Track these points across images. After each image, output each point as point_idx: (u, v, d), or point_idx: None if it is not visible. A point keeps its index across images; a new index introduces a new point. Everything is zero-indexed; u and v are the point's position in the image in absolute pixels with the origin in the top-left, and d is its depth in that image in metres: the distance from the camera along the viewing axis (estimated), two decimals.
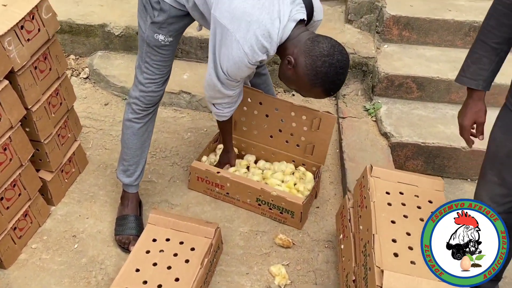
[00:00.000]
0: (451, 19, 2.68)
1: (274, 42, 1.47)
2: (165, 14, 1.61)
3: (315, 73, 1.45)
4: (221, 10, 1.45)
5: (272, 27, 1.44)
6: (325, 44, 1.44)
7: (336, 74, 1.45)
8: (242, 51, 1.45)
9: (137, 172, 1.91)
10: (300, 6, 1.50)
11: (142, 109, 1.81)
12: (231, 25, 1.44)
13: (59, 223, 1.97)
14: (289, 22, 1.47)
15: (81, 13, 2.91)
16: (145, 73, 1.75)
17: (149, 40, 1.67)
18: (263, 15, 1.43)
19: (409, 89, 2.57)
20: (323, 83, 1.47)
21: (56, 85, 1.89)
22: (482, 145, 2.30)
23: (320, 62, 1.43)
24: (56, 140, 1.95)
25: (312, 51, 1.44)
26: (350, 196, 1.82)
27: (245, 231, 1.98)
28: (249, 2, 1.43)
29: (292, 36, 1.49)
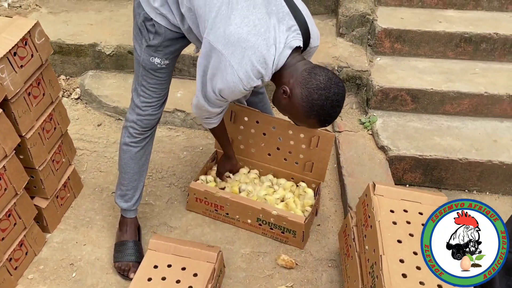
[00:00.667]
0: (442, 31, 2.71)
1: (269, 69, 1.45)
2: (160, 37, 1.59)
3: (311, 106, 1.43)
4: (215, 35, 1.43)
5: (267, 53, 1.42)
6: (322, 76, 1.42)
7: (332, 107, 1.44)
8: (236, 77, 1.43)
9: (136, 197, 1.88)
10: (297, 33, 1.48)
11: (139, 132, 1.78)
12: (226, 51, 1.42)
13: (55, 251, 1.91)
14: (285, 49, 1.45)
15: (71, 33, 2.87)
16: (141, 96, 1.72)
17: (145, 63, 1.65)
18: (259, 41, 1.41)
19: (404, 102, 2.58)
20: (318, 115, 1.45)
21: (50, 110, 1.86)
22: (479, 156, 2.33)
23: (316, 95, 1.41)
24: (51, 165, 1.91)
25: (309, 83, 1.42)
26: (352, 214, 1.80)
27: (246, 253, 1.94)
28: (244, 29, 1.41)
29: (288, 64, 1.47)
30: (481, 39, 2.69)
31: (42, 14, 3.08)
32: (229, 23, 1.41)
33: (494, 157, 2.31)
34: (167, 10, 1.54)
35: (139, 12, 1.58)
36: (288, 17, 1.47)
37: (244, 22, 1.41)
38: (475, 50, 2.73)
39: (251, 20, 1.41)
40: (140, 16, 1.58)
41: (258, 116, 2.04)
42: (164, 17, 1.56)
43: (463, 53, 2.75)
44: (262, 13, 1.43)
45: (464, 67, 2.70)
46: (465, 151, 2.34)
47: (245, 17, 1.41)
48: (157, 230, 2.02)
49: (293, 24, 1.47)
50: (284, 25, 1.46)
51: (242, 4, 1.42)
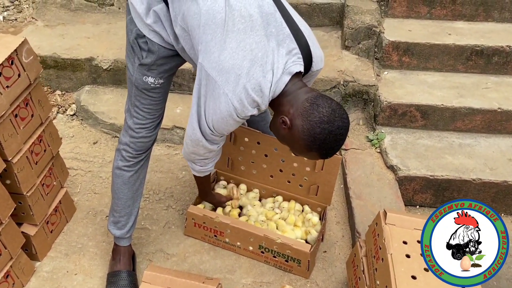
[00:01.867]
0: (452, 44, 2.59)
1: (265, 97, 1.34)
2: (153, 56, 1.49)
3: (313, 140, 1.32)
4: (209, 60, 1.32)
5: (264, 80, 1.31)
6: (325, 108, 1.30)
7: (335, 141, 1.33)
8: (231, 105, 1.33)
9: (129, 224, 1.76)
10: (297, 57, 1.36)
11: (133, 156, 1.67)
12: (219, 77, 1.31)
13: (45, 282, 1.80)
14: (284, 75, 1.34)
15: (67, 47, 2.78)
16: (134, 117, 1.62)
17: (138, 83, 1.54)
18: (254, 67, 1.30)
19: (413, 118, 2.46)
20: (320, 149, 1.34)
21: (39, 132, 1.75)
22: (493, 176, 2.21)
23: (319, 129, 1.30)
24: (40, 190, 1.80)
25: (311, 116, 1.30)
26: (362, 244, 1.68)
27: (248, 283, 1.82)
28: (240, 53, 1.30)
29: (287, 91, 1.35)
30: (493, 52, 2.58)
31: (38, 28, 2.99)
32: (224, 48, 1.30)
33: (509, 177, 2.19)
34: (161, 28, 1.44)
35: (131, 29, 1.48)
36: (289, 40, 1.35)
37: (240, 46, 1.30)
38: (486, 64, 2.61)
39: (247, 44, 1.30)
40: (133, 33, 1.48)
41: (259, 137, 1.93)
42: (158, 34, 1.46)
43: (474, 66, 2.63)
44: (260, 36, 1.32)
45: (476, 81, 2.59)
46: (479, 170, 2.22)
47: (241, 41, 1.31)
48: (153, 258, 1.91)
49: (294, 47, 1.36)
50: (284, 48, 1.34)
51: (239, 27, 1.31)
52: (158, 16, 1.43)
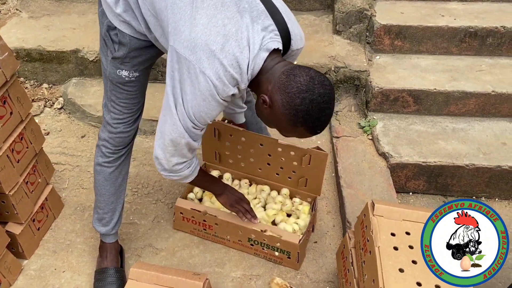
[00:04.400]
0: (445, 26, 2.53)
1: (244, 74, 1.26)
2: (125, 48, 1.43)
3: (295, 112, 1.23)
4: (180, 40, 1.24)
5: (241, 56, 1.23)
6: (302, 77, 1.21)
7: (319, 110, 1.23)
8: (210, 84, 1.23)
9: (114, 220, 1.74)
10: (274, 33, 1.29)
11: (112, 151, 1.63)
12: (193, 56, 1.22)
13: (32, 280, 1.78)
14: (261, 51, 1.26)
15: (52, 39, 2.72)
16: (112, 112, 1.57)
17: (112, 77, 1.49)
18: (229, 42, 1.22)
19: (406, 103, 2.42)
20: (306, 122, 1.24)
21: (20, 130, 1.71)
22: (487, 161, 2.17)
23: (298, 99, 1.21)
24: (24, 188, 1.77)
25: (288, 87, 1.22)
26: (351, 235, 1.65)
27: (237, 276, 1.81)
28: (212, 29, 1.22)
29: (265, 68, 1.27)
30: (487, 33, 2.52)
31: (22, 19, 2.92)
32: (195, 24, 1.23)
33: (503, 161, 2.15)
34: (131, 17, 1.38)
35: (103, 21, 1.43)
36: (263, 16, 1.28)
37: (212, 22, 1.23)
38: (481, 45, 2.56)
39: (219, 19, 1.23)
40: (104, 25, 1.43)
41: (244, 134, 1.89)
42: (128, 25, 1.40)
43: (468, 48, 2.57)
44: (232, 12, 1.25)
45: (470, 63, 2.53)
46: (472, 155, 2.18)
47: (212, 17, 1.23)
48: (142, 253, 1.89)
49: (270, 23, 1.28)
50: (259, 24, 1.26)
51: (209, 2, 1.24)
52: (129, 4, 1.37)
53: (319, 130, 1.29)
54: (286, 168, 1.91)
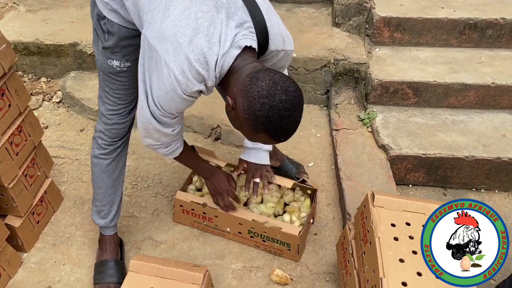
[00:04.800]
0: (445, 18, 2.52)
1: (211, 71, 1.21)
2: (114, 37, 1.42)
3: (255, 118, 1.16)
4: (152, 29, 1.22)
5: (209, 52, 1.19)
6: (264, 81, 1.14)
7: (280, 118, 1.15)
8: (173, 78, 1.20)
9: (112, 212, 1.73)
10: (249, 31, 1.23)
11: (108, 143, 1.63)
12: (160, 47, 1.20)
13: (32, 273, 1.78)
14: (232, 48, 1.21)
15: (50, 32, 2.71)
16: (106, 103, 1.57)
17: (103, 67, 1.49)
18: (198, 36, 1.18)
19: (405, 95, 2.41)
20: (266, 128, 1.17)
21: (18, 122, 1.71)
22: (486, 153, 2.17)
23: (258, 104, 1.14)
24: (23, 181, 1.76)
25: (250, 91, 1.15)
26: (351, 226, 1.66)
27: (237, 268, 1.81)
28: (182, 21, 1.19)
29: (235, 67, 1.22)
30: (487, 25, 2.51)
31: (20, 13, 2.91)
32: (167, 15, 1.20)
33: (502, 153, 2.15)
34: (119, 5, 1.37)
35: (93, 11, 1.43)
36: (241, 12, 1.23)
37: (184, 14, 1.20)
38: (480, 37, 2.55)
39: (192, 12, 1.20)
40: (94, 15, 1.43)
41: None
42: (117, 13, 1.39)
43: (468, 40, 2.56)
44: (208, 6, 1.21)
45: (469, 55, 2.52)
46: (472, 147, 2.18)
47: (186, 9, 1.20)
48: (141, 246, 1.89)
49: (246, 20, 1.23)
50: (235, 21, 1.22)
51: None
52: None
53: (282, 138, 1.22)
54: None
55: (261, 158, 1.71)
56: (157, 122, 1.33)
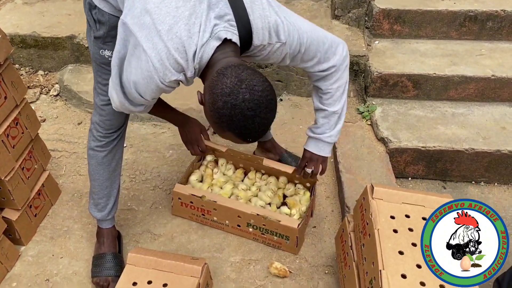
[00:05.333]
0: (445, 10, 2.50)
1: (190, 61, 1.18)
2: (104, 27, 1.40)
3: (218, 116, 1.12)
4: (132, 15, 1.20)
5: (188, 41, 1.16)
6: (230, 78, 1.10)
7: (243, 118, 1.10)
8: (151, 65, 1.17)
9: (109, 205, 1.72)
10: (230, 24, 1.19)
11: (103, 135, 1.62)
12: (140, 33, 1.17)
13: (30, 266, 1.77)
14: (212, 39, 1.17)
15: (47, 25, 2.69)
16: (100, 94, 1.56)
17: (95, 57, 1.48)
18: (178, 25, 1.15)
19: (405, 88, 2.40)
20: (230, 127, 1.13)
21: (15, 114, 1.69)
22: (486, 145, 2.16)
23: (221, 102, 1.10)
24: (20, 174, 1.75)
25: (215, 88, 1.11)
26: (350, 218, 1.65)
27: (236, 261, 1.80)
28: (163, 9, 1.16)
29: (213, 60, 1.18)
30: (487, 17, 2.49)
31: (16, 5, 2.88)
32: (147, 2, 1.19)
33: (502, 146, 2.14)
34: None
35: (85, 0, 1.42)
36: (222, 4, 1.20)
37: (165, 2, 1.17)
38: (480, 29, 2.53)
39: (173, 1, 1.18)
40: (86, 5, 1.42)
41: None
42: (107, 2, 1.37)
43: (468, 33, 2.55)
44: None
45: (469, 48, 2.51)
46: (472, 140, 2.17)
47: None
48: (140, 239, 1.88)
49: (227, 12, 1.20)
50: (215, 12, 1.19)
51: None
52: None
53: (249, 139, 1.17)
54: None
55: (320, 148, 1.68)
56: (130, 104, 1.33)
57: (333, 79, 1.51)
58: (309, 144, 1.69)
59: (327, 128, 1.62)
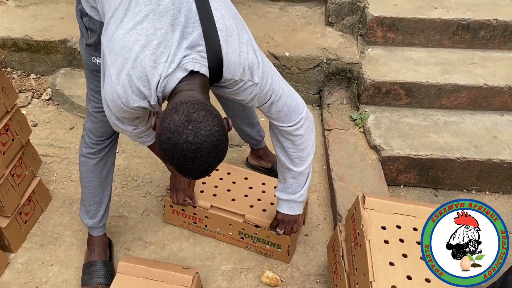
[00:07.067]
0: (438, 18, 2.52)
1: (153, 91, 1.16)
2: (95, 34, 1.40)
3: (162, 149, 1.09)
4: (106, 37, 1.20)
5: (152, 71, 1.14)
6: (179, 116, 1.06)
7: (183, 159, 1.06)
8: (114, 91, 1.17)
9: (100, 213, 1.71)
10: (200, 55, 1.16)
11: (95, 142, 1.61)
12: (109, 57, 1.18)
13: (19, 274, 1.76)
14: (178, 70, 1.14)
15: (40, 29, 2.67)
16: (92, 101, 1.56)
17: (87, 64, 1.48)
18: (144, 54, 1.14)
19: (398, 96, 2.40)
20: (171, 163, 1.10)
21: (5, 121, 1.68)
22: (478, 154, 2.17)
23: (164, 137, 1.07)
24: (10, 181, 1.74)
25: (164, 121, 1.08)
26: (341, 228, 1.65)
27: (228, 270, 1.79)
28: (132, 36, 1.15)
29: (176, 90, 1.15)
30: (479, 26, 2.51)
31: (9, 8, 2.86)
32: (119, 27, 1.18)
33: (494, 155, 2.15)
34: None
35: (77, 7, 1.42)
36: (196, 34, 1.17)
37: (136, 29, 1.15)
38: (473, 38, 2.55)
39: (144, 28, 1.15)
40: (78, 12, 1.42)
41: (230, 168, 1.95)
42: (97, 11, 1.37)
43: (461, 41, 2.56)
44: (163, 23, 1.15)
45: (462, 56, 2.52)
46: (463, 149, 2.18)
47: (138, 23, 1.16)
48: (131, 247, 1.87)
49: (200, 43, 1.17)
50: (188, 41, 1.16)
51: (141, 8, 1.17)
52: None
53: (188, 177, 1.14)
54: (264, 200, 1.85)
55: (294, 209, 1.67)
56: (116, 118, 1.31)
57: (299, 137, 1.48)
58: (282, 206, 1.67)
59: (297, 187, 1.60)
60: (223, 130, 1.11)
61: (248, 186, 1.91)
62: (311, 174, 1.61)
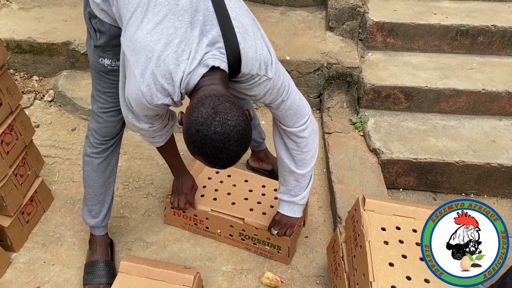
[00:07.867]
0: (437, 24, 2.55)
1: (177, 87, 1.20)
2: (105, 36, 1.43)
3: (191, 141, 1.13)
4: (126, 38, 1.24)
5: (175, 69, 1.18)
6: (206, 108, 1.10)
7: (213, 149, 1.11)
8: (138, 89, 1.21)
9: (103, 212, 1.73)
10: (220, 51, 1.20)
11: (100, 142, 1.63)
12: (131, 57, 1.22)
13: (21, 273, 1.77)
14: (200, 67, 1.19)
15: (43, 31, 2.69)
16: (98, 102, 1.58)
17: (95, 66, 1.50)
18: (167, 52, 1.18)
19: (397, 100, 2.43)
20: (201, 154, 1.14)
21: (10, 121, 1.70)
22: (476, 158, 2.19)
23: (193, 129, 1.11)
24: (14, 180, 1.75)
25: (192, 114, 1.12)
26: (341, 229, 1.66)
27: (228, 270, 1.81)
28: (154, 36, 1.19)
29: (199, 85, 1.20)
30: (478, 32, 2.54)
31: (12, 11, 2.89)
32: (140, 27, 1.21)
33: (492, 159, 2.17)
34: (108, 6, 1.39)
35: (86, 9, 1.44)
36: (215, 31, 1.21)
37: (157, 29, 1.19)
38: (472, 44, 2.58)
39: (165, 28, 1.19)
40: (86, 14, 1.44)
41: (231, 171, 1.95)
42: (107, 13, 1.40)
43: (460, 47, 2.59)
44: (182, 22, 1.19)
45: (461, 62, 2.55)
46: (462, 153, 2.20)
47: (158, 23, 1.19)
48: (132, 247, 1.88)
49: (218, 40, 1.21)
50: (208, 39, 1.20)
51: (160, 8, 1.20)
52: None
53: (218, 167, 1.18)
54: (264, 203, 1.87)
55: (294, 211, 1.71)
56: (133, 117, 1.37)
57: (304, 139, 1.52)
58: (283, 207, 1.70)
59: (299, 189, 1.64)
60: (248, 120, 1.15)
61: (248, 189, 1.93)
62: (313, 177, 1.64)
